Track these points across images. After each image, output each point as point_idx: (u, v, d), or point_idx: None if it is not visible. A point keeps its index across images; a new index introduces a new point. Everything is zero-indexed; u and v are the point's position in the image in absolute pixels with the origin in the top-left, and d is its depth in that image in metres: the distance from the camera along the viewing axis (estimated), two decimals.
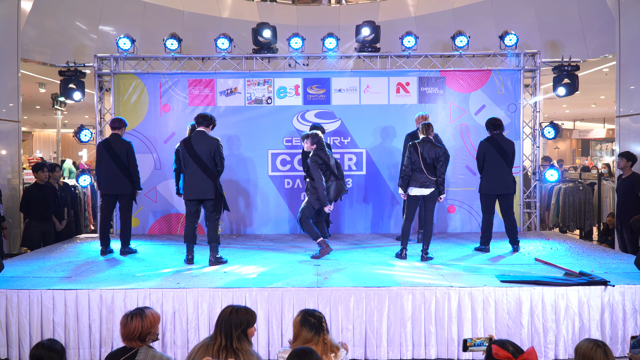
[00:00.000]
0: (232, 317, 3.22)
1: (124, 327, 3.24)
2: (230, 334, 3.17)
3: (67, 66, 9.01)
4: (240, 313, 3.25)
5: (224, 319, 3.22)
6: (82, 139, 8.77)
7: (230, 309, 3.27)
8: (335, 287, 5.06)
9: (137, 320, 3.22)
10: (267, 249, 7.27)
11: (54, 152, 20.93)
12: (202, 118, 6.32)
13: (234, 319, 3.21)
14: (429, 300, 5.00)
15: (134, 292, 5.00)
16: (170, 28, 9.87)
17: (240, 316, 3.23)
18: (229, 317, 3.22)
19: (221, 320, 3.22)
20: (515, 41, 8.67)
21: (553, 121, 8.99)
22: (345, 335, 4.96)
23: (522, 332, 4.99)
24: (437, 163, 6.36)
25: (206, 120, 6.32)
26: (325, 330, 3.29)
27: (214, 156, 6.19)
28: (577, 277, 5.28)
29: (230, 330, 3.18)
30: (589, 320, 5.01)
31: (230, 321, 3.20)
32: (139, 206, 8.45)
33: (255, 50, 8.91)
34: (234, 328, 3.18)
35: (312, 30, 10.02)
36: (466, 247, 7.26)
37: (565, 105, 18.96)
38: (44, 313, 4.98)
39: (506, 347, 2.83)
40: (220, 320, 3.23)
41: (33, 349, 3.11)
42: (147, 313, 3.28)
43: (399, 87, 8.74)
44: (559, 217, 10.25)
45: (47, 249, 7.24)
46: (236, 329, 3.19)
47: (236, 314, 3.24)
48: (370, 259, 6.52)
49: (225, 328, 3.19)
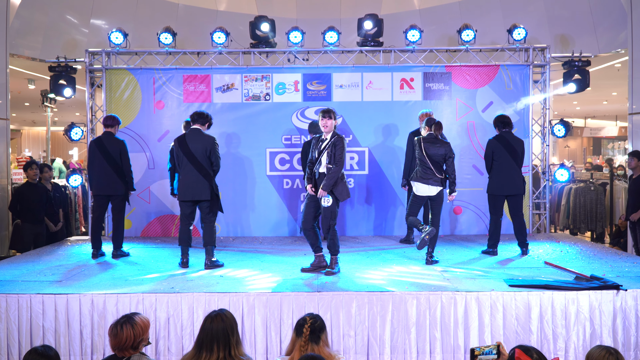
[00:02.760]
0: (224, 323, 3.13)
1: (114, 337, 3.20)
2: (228, 342, 3.12)
3: (57, 61, 9.01)
4: (225, 316, 3.17)
5: (215, 328, 3.12)
6: (72, 137, 8.77)
7: (215, 316, 3.18)
8: (336, 292, 5.05)
9: (127, 329, 3.20)
10: (265, 252, 7.27)
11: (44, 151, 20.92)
12: (198, 116, 6.32)
13: (226, 324, 3.13)
14: (434, 306, 4.99)
15: (127, 297, 5.00)
16: (165, 21, 9.87)
17: (228, 319, 3.16)
18: (222, 324, 3.13)
19: (210, 331, 3.11)
20: (524, 35, 8.66)
21: (563, 118, 8.98)
22: (346, 342, 4.95)
23: (531, 338, 4.98)
24: (446, 160, 6.32)
25: (202, 118, 6.32)
26: (305, 336, 3.26)
27: (209, 155, 6.19)
28: (588, 281, 5.27)
29: (227, 338, 3.13)
30: (601, 326, 5.00)
31: (224, 328, 3.13)
32: (131, 207, 8.44)
33: (252, 44, 8.90)
34: (230, 334, 3.15)
35: (312, 24, 10.01)
36: (473, 250, 7.25)
37: (575, 102, 18.94)
38: (34, 318, 4.98)
39: (530, 353, 2.82)
40: (209, 331, 3.12)
41: (26, 355, 3.09)
42: (136, 320, 3.27)
43: (402, 83, 8.74)
44: (569, 219, 10.25)
45: (37, 252, 7.24)
46: (232, 334, 3.15)
47: (224, 318, 3.15)
48: (373, 262, 6.51)
49: (221, 337, 3.10)
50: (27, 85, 13.38)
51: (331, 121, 5.79)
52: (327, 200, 5.74)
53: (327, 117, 5.79)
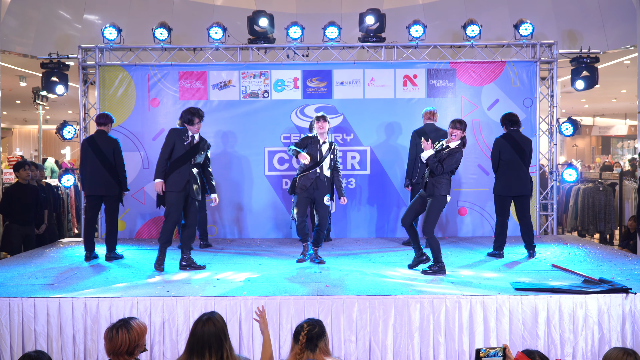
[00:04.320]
0: (215, 327, 3.12)
1: (109, 341, 3.20)
2: (221, 347, 3.11)
3: (49, 58, 9.00)
4: (217, 320, 3.16)
5: (206, 332, 3.10)
6: (65, 135, 8.76)
7: (206, 320, 3.16)
8: (337, 296, 5.05)
9: (123, 333, 3.20)
10: (264, 254, 7.26)
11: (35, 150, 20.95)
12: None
13: (218, 327, 3.11)
14: (438, 310, 4.99)
15: (120, 301, 4.99)
16: (160, 16, 9.85)
17: (219, 322, 3.15)
18: (213, 328, 3.11)
19: (201, 336, 3.10)
20: (531, 31, 8.66)
21: (571, 117, 8.98)
22: (347, 348, 4.95)
23: (538, 343, 4.98)
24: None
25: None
26: (301, 343, 3.25)
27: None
28: (597, 285, 5.27)
29: (220, 342, 3.11)
30: (609, 331, 5.00)
31: (217, 332, 3.11)
32: (125, 208, 8.44)
33: (250, 40, 8.90)
34: (224, 338, 3.13)
35: (312, 19, 10.00)
36: (478, 253, 7.25)
37: (584, 99, 18.96)
38: (25, 322, 4.98)
39: (533, 356, 2.82)
40: (200, 336, 3.11)
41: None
42: (132, 324, 3.26)
43: (405, 79, 8.74)
44: (577, 220, 10.25)
45: (28, 254, 7.24)
46: (225, 339, 3.13)
47: (215, 322, 3.14)
48: (375, 265, 6.51)
49: (214, 342, 3.08)
50: (18, 82, 13.40)
51: (327, 124, 6.53)
52: (329, 199, 6.56)
53: (323, 120, 6.52)
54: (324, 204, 6.49)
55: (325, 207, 6.51)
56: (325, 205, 6.50)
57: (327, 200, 6.50)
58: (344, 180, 6.71)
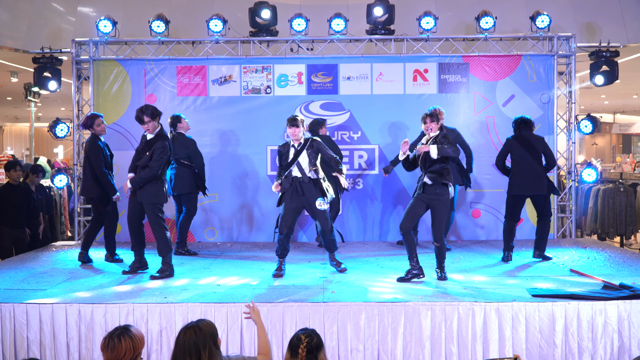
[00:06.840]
0: (196, 336, 3.11)
1: (111, 350, 3.14)
2: (199, 358, 3.09)
3: (42, 52, 9.02)
4: (199, 328, 3.15)
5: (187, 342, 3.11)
6: (57, 134, 8.79)
7: (188, 328, 3.17)
8: (343, 303, 5.05)
9: (126, 341, 3.16)
10: (266, 259, 7.26)
11: (27, 149, 21.02)
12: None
13: (199, 336, 3.11)
14: (450, 317, 4.98)
15: (116, 308, 5.01)
16: (157, 8, 9.85)
17: (202, 331, 3.14)
18: (194, 337, 3.11)
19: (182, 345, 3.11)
20: (547, 23, 8.65)
21: (590, 114, 8.95)
22: (355, 357, 4.95)
23: (556, 352, 4.97)
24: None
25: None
26: (301, 357, 3.22)
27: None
28: (617, 290, 5.26)
29: (198, 353, 3.08)
30: (630, 338, 4.98)
31: (196, 342, 3.10)
32: (121, 210, 8.43)
33: (252, 33, 8.91)
34: (202, 348, 3.09)
35: (317, 10, 9.99)
36: (492, 257, 7.24)
37: (603, 95, 18.88)
38: (17, 329, 5.00)
39: None
40: (181, 345, 3.12)
41: None
42: (133, 331, 3.26)
43: (416, 74, 8.73)
44: (597, 223, 10.21)
45: (20, 258, 7.27)
46: (204, 348, 3.10)
47: (197, 330, 3.14)
48: (384, 270, 6.51)
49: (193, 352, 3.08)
50: (9, 78, 13.44)
51: (299, 129, 6.18)
52: (322, 203, 6.16)
53: (293, 125, 6.17)
54: (318, 209, 6.14)
55: (321, 212, 6.18)
56: (320, 210, 6.13)
57: (320, 204, 6.08)
58: (344, 167, 6.38)
